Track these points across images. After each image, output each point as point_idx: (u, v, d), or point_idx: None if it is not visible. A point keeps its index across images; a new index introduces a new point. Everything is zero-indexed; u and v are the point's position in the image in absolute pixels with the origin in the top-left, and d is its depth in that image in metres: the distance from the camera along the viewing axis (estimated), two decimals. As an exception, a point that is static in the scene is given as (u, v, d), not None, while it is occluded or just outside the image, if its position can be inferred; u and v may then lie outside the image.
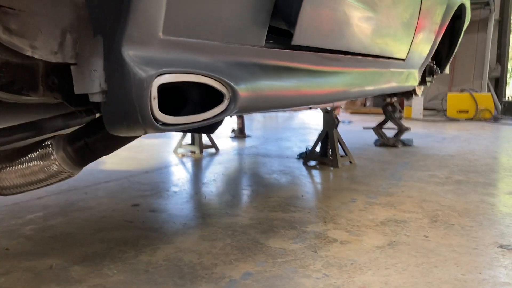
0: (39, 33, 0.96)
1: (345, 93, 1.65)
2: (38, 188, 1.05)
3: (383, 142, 3.62)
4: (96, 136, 1.04)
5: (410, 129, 3.64)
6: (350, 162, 2.87)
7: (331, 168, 2.71)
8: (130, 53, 0.85)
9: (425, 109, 6.75)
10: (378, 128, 3.66)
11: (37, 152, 1.05)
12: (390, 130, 3.70)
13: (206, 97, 1.07)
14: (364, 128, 4.28)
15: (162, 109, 0.94)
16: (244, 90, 1.12)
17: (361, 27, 1.55)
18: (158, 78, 0.88)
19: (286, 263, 1.31)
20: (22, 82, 1.03)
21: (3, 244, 1.47)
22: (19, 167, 1.05)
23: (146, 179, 2.39)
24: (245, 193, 2.14)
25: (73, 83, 0.96)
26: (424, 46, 2.47)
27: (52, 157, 1.03)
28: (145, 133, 0.92)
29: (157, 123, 0.90)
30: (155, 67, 0.88)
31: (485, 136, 4.38)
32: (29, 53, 0.94)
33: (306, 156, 2.90)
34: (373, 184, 2.28)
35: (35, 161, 1.04)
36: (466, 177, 2.45)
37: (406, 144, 3.62)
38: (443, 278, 1.22)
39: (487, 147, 3.57)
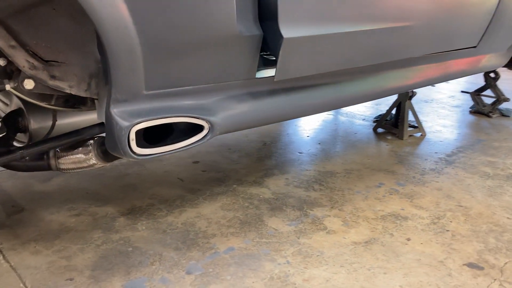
0: (75, 77, 1.38)
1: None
2: (84, 170, 1.54)
3: (478, 109, 3.49)
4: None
5: (510, 100, 3.42)
6: (421, 134, 2.93)
7: (395, 140, 2.83)
8: (115, 110, 1.23)
9: None
10: (475, 94, 3.51)
11: (82, 148, 1.52)
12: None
13: (193, 125, 1.41)
14: (462, 92, 4.07)
15: (153, 135, 1.33)
16: (224, 119, 1.43)
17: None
18: (135, 126, 1.25)
19: (266, 244, 1.67)
20: (74, 100, 1.49)
21: (85, 187, 2.07)
22: (71, 157, 1.53)
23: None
24: (290, 160, 2.45)
25: (96, 112, 1.39)
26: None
27: (90, 154, 1.49)
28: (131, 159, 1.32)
29: (137, 156, 1.28)
30: (133, 119, 1.25)
31: None
32: (67, 91, 1.38)
33: (376, 124, 3.03)
34: (416, 167, 2.39)
35: (80, 154, 1.51)
36: (524, 172, 2.40)
37: (504, 114, 3.43)
38: (381, 286, 1.46)
39: None
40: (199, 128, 1.40)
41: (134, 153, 1.28)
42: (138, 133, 1.28)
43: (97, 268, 1.50)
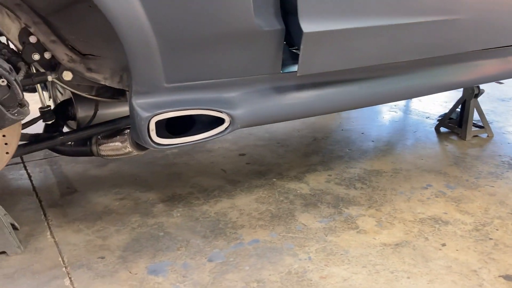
0: (109, 70, 1.48)
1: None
2: (122, 157, 1.65)
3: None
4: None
5: None
6: (488, 135, 2.74)
7: (457, 140, 2.67)
8: (137, 101, 1.31)
9: None
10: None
11: (119, 136, 1.63)
12: None
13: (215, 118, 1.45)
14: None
15: (177, 126, 1.40)
16: (246, 113, 1.45)
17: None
18: (155, 117, 1.32)
19: (291, 239, 1.67)
20: (113, 91, 1.60)
21: (134, 173, 2.20)
22: (110, 144, 1.64)
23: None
24: (337, 157, 2.41)
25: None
26: None
27: (126, 142, 1.59)
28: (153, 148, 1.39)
29: (157, 145, 1.35)
30: (153, 110, 1.32)
31: None
32: (102, 83, 1.48)
33: (438, 123, 2.88)
34: (472, 170, 2.25)
35: (118, 142, 1.62)
36: None
37: None
38: (400, 290, 1.41)
39: None
40: (221, 121, 1.44)
41: (154, 142, 1.35)
42: (159, 123, 1.35)
43: (128, 249, 1.61)
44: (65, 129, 1.76)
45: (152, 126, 1.33)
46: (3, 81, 1.15)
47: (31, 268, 1.50)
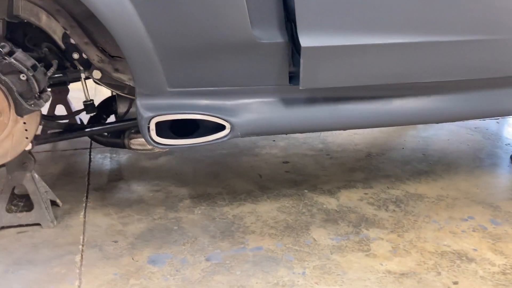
0: (133, 71, 1.61)
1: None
2: (148, 152, 1.79)
3: None
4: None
5: None
6: None
7: (531, 172, 2.39)
8: (140, 102, 1.42)
9: None
10: None
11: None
12: None
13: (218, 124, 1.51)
14: None
15: (183, 128, 1.49)
16: (248, 122, 1.49)
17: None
18: (155, 118, 1.42)
19: (294, 252, 1.66)
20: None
21: (178, 168, 2.33)
22: (138, 139, 1.78)
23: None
24: (382, 176, 2.30)
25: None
26: None
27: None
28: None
29: (156, 144, 1.45)
30: (153, 111, 1.42)
31: None
32: (127, 83, 1.63)
33: (514, 151, 2.60)
34: (532, 208, 2.01)
35: (143, 138, 1.75)
36: None
37: None
38: (383, 322, 1.34)
39: None
40: (222, 127, 1.49)
41: (154, 141, 1.45)
42: (162, 124, 1.45)
43: (140, 238, 1.73)
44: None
45: (152, 126, 1.43)
46: (23, 76, 1.34)
47: (55, 241, 1.70)
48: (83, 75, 1.62)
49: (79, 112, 1.88)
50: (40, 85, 1.39)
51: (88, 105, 1.82)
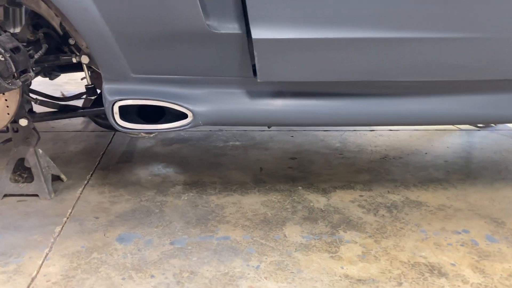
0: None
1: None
2: (135, 136, 1.87)
3: None
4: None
5: None
6: None
7: None
8: (106, 86, 1.50)
9: None
10: None
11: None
12: None
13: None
14: None
15: (151, 114, 1.55)
16: (210, 111, 1.51)
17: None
18: (118, 102, 1.49)
19: (258, 245, 1.65)
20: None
21: (186, 156, 2.40)
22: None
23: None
24: (387, 180, 2.19)
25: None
26: None
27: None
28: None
29: (120, 127, 1.52)
30: (116, 96, 1.49)
31: None
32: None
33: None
34: (543, 228, 1.81)
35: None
36: None
37: None
38: (315, 324, 1.30)
39: None
40: (185, 116, 1.52)
41: (117, 124, 1.52)
42: (125, 108, 1.52)
43: (120, 216, 1.83)
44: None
45: (116, 110, 1.50)
46: (1, 57, 1.47)
47: (45, 212, 1.85)
48: (74, 60, 1.74)
49: (81, 94, 2.01)
50: (18, 66, 1.52)
51: (89, 89, 1.94)
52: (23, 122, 1.79)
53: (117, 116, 1.53)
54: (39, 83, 3.60)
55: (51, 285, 1.43)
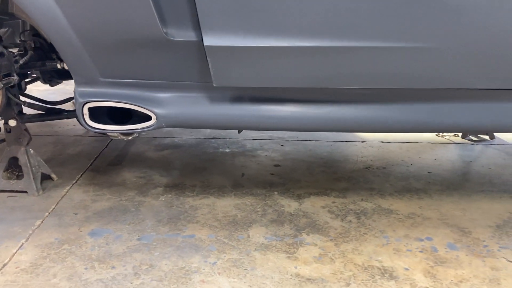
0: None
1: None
2: (115, 138, 1.99)
3: None
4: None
5: None
6: None
7: (543, 203, 2.12)
8: (77, 89, 1.63)
9: None
10: None
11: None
12: None
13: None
14: None
15: (120, 116, 1.67)
16: (171, 114, 1.61)
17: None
18: (87, 104, 1.61)
19: (220, 244, 1.72)
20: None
21: (173, 161, 2.51)
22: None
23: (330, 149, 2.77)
24: (363, 188, 2.23)
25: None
26: None
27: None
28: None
29: (90, 127, 1.64)
30: (86, 98, 1.61)
31: None
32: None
33: (534, 178, 2.31)
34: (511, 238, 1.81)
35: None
36: None
37: None
38: (255, 317, 1.36)
39: None
40: (149, 118, 1.63)
41: (87, 124, 1.64)
42: (95, 109, 1.64)
43: (98, 213, 1.94)
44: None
45: (86, 111, 1.62)
46: (-14, 62, 1.62)
47: (30, 207, 1.98)
48: (58, 66, 1.88)
49: (71, 99, 2.16)
50: (0, 70, 1.67)
51: (78, 94, 2.07)
52: (11, 122, 1.94)
53: (86, 117, 1.64)
54: (53, 92, 3.82)
55: (19, 271, 1.55)
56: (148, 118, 1.63)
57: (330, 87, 1.51)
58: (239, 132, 2.27)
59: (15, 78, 1.76)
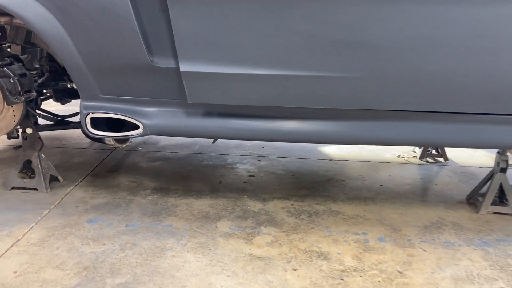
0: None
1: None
2: (113, 146, 2.43)
3: None
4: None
5: None
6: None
7: (472, 213, 2.51)
8: (82, 103, 2.07)
9: None
10: None
11: (112, 132, 2.41)
12: None
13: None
14: None
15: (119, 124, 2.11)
16: (156, 125, 2.04)
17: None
18: (89, 115, 2.05)
19: (192, 231, 2.12)
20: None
21: (162, 170, 2.92)
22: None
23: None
24: (324, 195, 2.62)
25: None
26: None
27: (112, 136, 2.36)
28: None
29: (92, 134, 2.08)
30: (88, 110, 2.05)
31: None
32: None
33: (469, 193, 2.70)
34: (436, 237, 2.19)
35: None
36: None
37: None
38: (219, 283, 1.75)
39: None
40: (138, 127, 2.06)
41: (89, 131, 2.07)
42: (96, 120, 2.07)
43: (95, 207, 2.35)
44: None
45: (88, 121, 2.05)
46: (12, 80, 2.07)
47: (39, 201, 2.40)
48: (68, 85, 2.33)
49: (77, 114, 2.60)
50: (23, 87, 2.12)
51: (83, 109, 2.52)
52: (29, 130, 2.38)
53: (89, 125, 2.07)
54: (63, 111, 4.27)
55: (29, 245, 1.96)
56: (137, 127, 2.07)
57: (279, 106, 1.94)
58: (213, 142, 2.68)
59: (34, 94, 2.21)
